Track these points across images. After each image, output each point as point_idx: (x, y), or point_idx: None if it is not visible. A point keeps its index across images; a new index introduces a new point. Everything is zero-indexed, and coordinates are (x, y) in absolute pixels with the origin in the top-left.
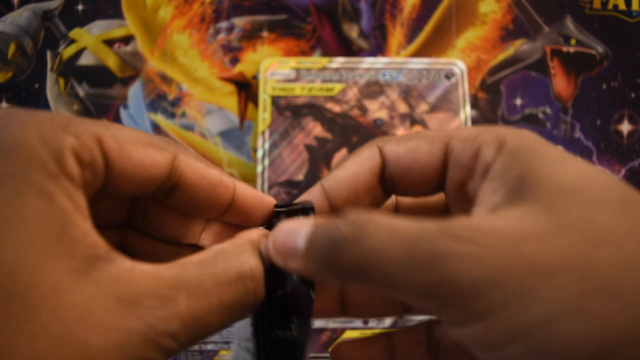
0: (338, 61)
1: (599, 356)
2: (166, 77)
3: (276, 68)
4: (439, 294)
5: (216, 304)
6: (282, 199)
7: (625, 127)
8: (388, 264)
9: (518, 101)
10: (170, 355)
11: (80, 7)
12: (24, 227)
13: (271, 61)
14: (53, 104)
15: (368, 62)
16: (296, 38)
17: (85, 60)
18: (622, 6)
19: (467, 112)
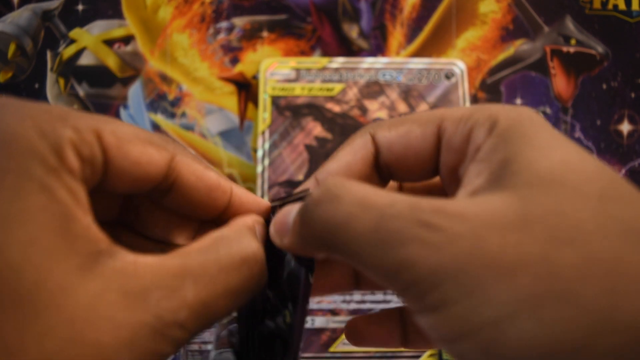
0: (338, 61)
1: None
2: (166, 77)
3: (276, 68)
4: (399, 278)
5: (223, 290)
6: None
7: (625, 127)
8: (353, 237)
9: (518, 101)
10: (179, 345)
11: (80, 7)
12: (27, 226)
13: (271, 61)
14: (53, 104)
15: (368, 62)
16: (296, 38)
17: (85, 60)
18: (622, 6)
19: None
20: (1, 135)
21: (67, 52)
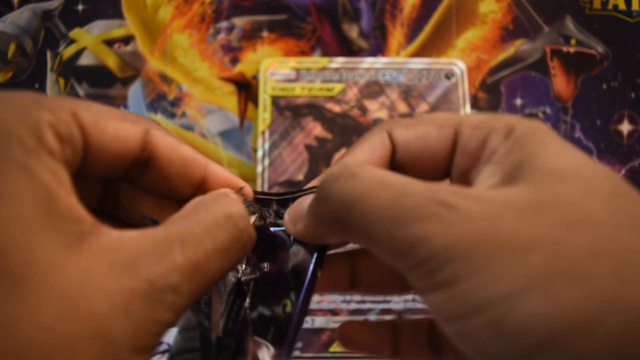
0: (338, 61)
1: (555, 340)
2: (166, 77)
3: (276, 68)
4: (412, 254)
5: (212, 248)
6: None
7: (625, 127)
8: (368, 212)
9: (518, 101)
10: (178, 311)
11: (80, 7)
12: (10, 206)
13: (271, 61)
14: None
15: (368, 62)
16: (296, 38)
17: (85, 60)
18: (622, 6)
19: (467, 112)
20: None
21: (67, 52)
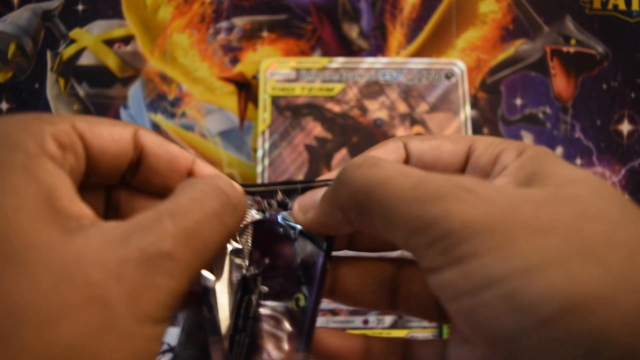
0: (338, 61)
1: (570, 311)
2: (166, 77)
3: (276, 68)
4: (430, 230)
5: (202, 214)
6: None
7: (625, 127)
8: (391, 192)
9: (518, 101)
10: (178, 277)
11: (80, 7)
12: (12, 197)
13: (271, 61)
14: (53, 104)
15: (368, 62)
16: (296, 38)
17: (85, 60)
18: (622, 6)
19: (467, 112)
20: None
21: (67, 52)
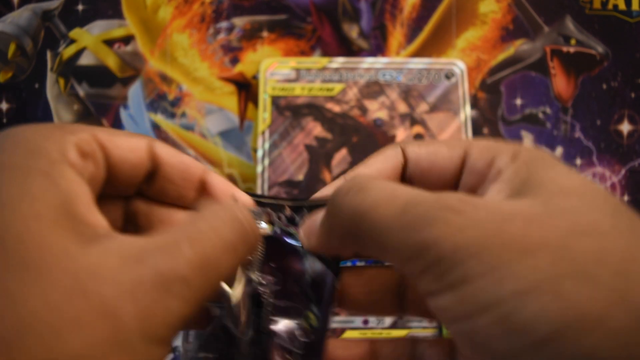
0: (338, 61)
1: (563, 334)
2: (166, 77)
3: (276, 68)
4: (421, 258)
5: (219, 242)
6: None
7: (625, 127)
8: (379, 220)
9: (518, 101)
10: (189, 302)
11: (80, 7)
12: (30, 203)
13: (271, 61)
14: (53, 104)
15: (368, 62)
16: (296, 38)
17: (85, 60)
18: (622, 6)
19: (467, 112)
20: (8, 145)
21: (67, 52)
